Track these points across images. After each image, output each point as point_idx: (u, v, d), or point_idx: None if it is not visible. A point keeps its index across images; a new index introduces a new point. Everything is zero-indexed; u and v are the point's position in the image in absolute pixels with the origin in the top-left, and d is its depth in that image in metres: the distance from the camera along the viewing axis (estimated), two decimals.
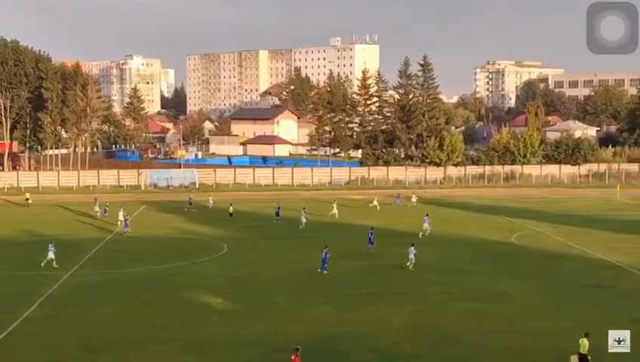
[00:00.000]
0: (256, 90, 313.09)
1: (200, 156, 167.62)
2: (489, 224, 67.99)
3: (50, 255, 48.90)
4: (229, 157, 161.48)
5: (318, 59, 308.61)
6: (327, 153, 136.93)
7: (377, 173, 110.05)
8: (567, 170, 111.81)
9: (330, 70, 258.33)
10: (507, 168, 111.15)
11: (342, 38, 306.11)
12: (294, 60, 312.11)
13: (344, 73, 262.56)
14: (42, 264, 48.68)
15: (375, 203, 79.82)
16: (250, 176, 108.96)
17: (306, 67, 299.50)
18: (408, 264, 48.37)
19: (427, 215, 64.10)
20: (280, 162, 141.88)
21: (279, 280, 46.14)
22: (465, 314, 37.75)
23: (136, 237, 62.58)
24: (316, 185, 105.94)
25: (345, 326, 35.83)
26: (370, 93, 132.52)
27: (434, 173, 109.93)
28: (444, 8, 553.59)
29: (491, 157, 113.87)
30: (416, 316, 37.57)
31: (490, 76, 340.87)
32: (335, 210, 73.42)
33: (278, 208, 72.33)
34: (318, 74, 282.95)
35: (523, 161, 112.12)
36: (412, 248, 49.09)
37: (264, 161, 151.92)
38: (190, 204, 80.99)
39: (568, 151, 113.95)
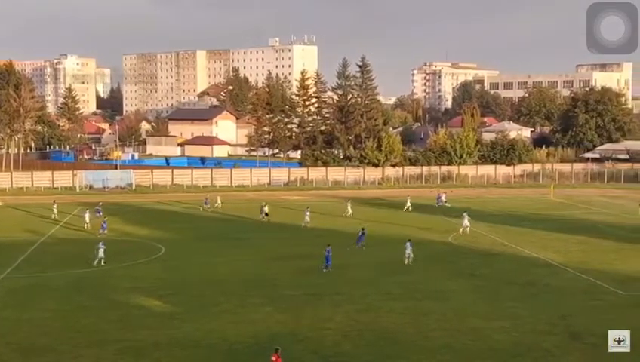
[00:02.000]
0: (194, 91, 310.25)
1: (137, 157, 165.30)
2: (427, 224, 68.65)
3: (100, 253, 49.58)
4: (166, 158, 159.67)
5: (257, 59, 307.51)
6: (266, 154, 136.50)
7: (316, 173, 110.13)
8: (503, 170, 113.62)
9: (269, 71, 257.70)
10: (444, 168, 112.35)
11: (280, 39, 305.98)
12: (232, 60, 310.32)
13: (283, 74, 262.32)
14: (94, 263, 49.20)
15: (408, 204, 78.63)
16: (188, 177, 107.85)
17: (245, 67, 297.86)
18: (406, 259, 49.57)
19: (466, 211, 65.66)
20: (218, 163, 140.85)
21: (218, 281, 45.77)
22: (404, 314, 38.05)
23: (71, 240, 61.40)
24: (255, 186, 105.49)
25: (285, 326, 35.77)
26: (309, 94, 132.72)
27: (372, 173, 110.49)
28: (382, 10, 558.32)
29: (428, 158, 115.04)
30: (356, 316, 37.69)
31: (427, 77, 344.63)
32: (349, 209, 73.69)
33: (263, 207, 72.59)
34: (257, 74, 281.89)
35: (459, 162, 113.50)
36: (408, 243, 50.23)
37: (202, 161, 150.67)
38: (206, 204, 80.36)
39: (503, 152, 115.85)
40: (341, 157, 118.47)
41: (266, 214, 71.02)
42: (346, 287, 43.81)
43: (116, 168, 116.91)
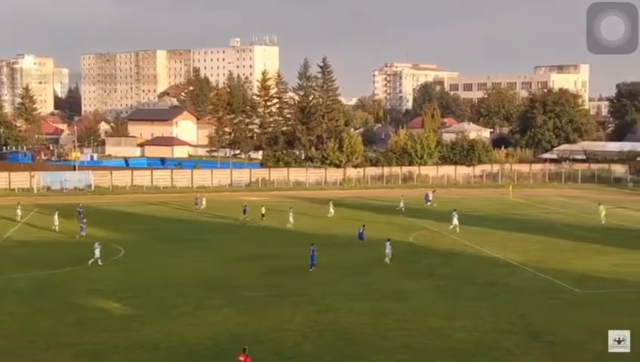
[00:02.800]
0: (154, 91, 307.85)
1: (96, 158, 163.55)
2: (388, 224, 68.87)
3: (97, 253, 49.64)
4: (126, 159, 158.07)
5: (218, 59, 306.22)
6: (227, 154, 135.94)
7: (278, 174, 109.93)
8: (463, 170, 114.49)
9: (230, 71, 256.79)
10: (405, 169, 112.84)
11: (241, 39, 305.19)
12: (193, 61, 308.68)
13: (244, 74, 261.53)
14: (89, 262, 49.30)
15: (402, 205, 78.70)
16: (148, 178, 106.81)
17: (205, 68, 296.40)
18: (386, 259, 50.08)
19: (455, 210, 66.24)
20: (179, 164, 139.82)
21: (178, 283, 45.39)
22: (364, 314, 38.11)
23: (28, 242, 60.45)
24: (216, 187, 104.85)
25: (245, 328, 35.63)
26: (271, 94, 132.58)
27: (334, 174, 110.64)
28: (343, 11, 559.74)
29: (389, 159, 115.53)
30: (316, 317, 37.67)
31: (388, 78, 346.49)
32: (332, 210, 73.87)
33: (245, 207, 72.83)
34: (218, 75, 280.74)
35: (420, 162, 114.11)
36: (388, 243, 50.81)
37: (162, 162, 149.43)
38: (197, 204, 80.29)
39: (463, 153, 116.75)
40: (303, 157, 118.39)
41: (262, 215, 70.81)
42: (307, 288, 43.77)
43: (75, 169, 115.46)
